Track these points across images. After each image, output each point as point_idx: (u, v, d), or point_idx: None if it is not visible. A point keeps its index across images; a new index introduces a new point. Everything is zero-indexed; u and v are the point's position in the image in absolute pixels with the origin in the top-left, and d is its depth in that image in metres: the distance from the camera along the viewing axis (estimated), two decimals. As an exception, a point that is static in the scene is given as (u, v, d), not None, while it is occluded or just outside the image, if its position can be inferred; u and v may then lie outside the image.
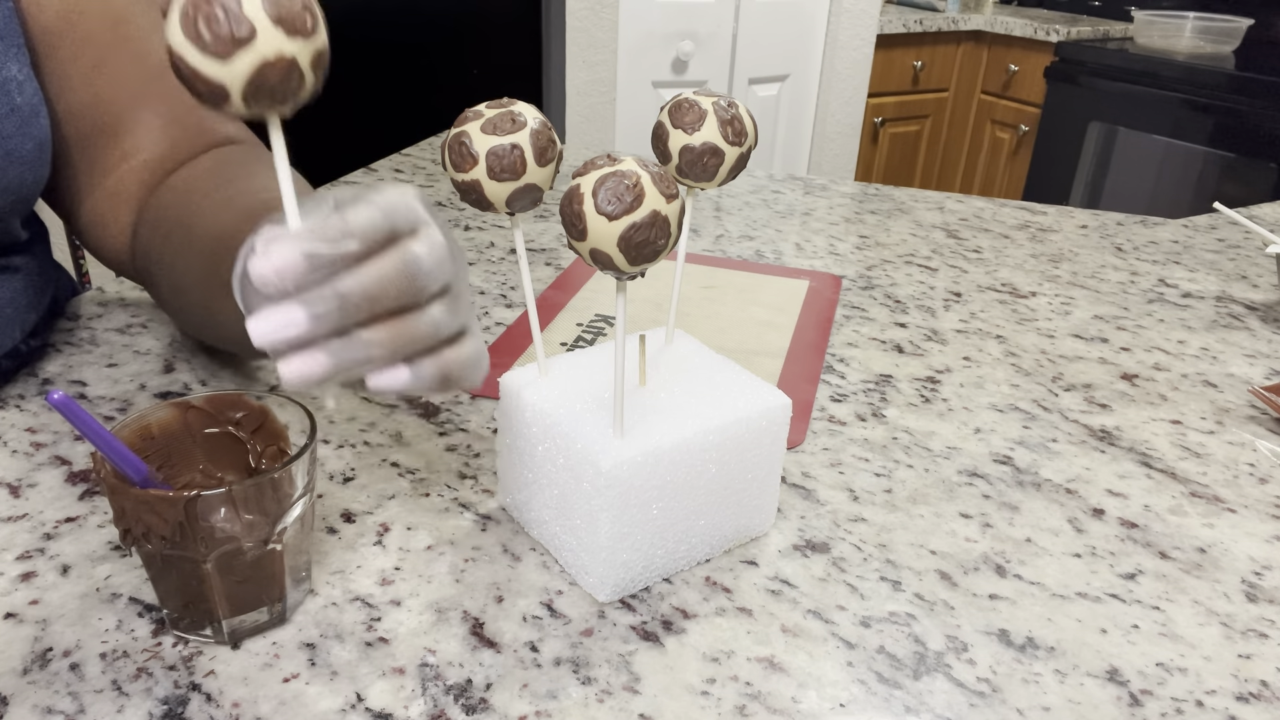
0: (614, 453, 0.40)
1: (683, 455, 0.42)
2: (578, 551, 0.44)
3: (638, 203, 0.35)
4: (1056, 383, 0.66)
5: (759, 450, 0.45)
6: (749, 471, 0.45)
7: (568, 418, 0.43)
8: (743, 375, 0.47)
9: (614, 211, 0.34)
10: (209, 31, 0.32)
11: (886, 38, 2.63)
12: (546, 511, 0.45)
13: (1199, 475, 0.56)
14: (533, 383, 0.45)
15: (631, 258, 0.35)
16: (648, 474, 0.41)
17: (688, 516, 0.44)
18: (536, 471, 0.45)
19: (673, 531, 0.44)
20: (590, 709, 0.38)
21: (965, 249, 0.91)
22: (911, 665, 0.41)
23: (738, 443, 0.44)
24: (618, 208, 0.34)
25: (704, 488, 0.44)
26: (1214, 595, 0.46)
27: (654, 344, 0.49)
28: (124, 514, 0.37)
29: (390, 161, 1.09)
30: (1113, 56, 2.41)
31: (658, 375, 0.46)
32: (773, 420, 0.45)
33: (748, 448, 0.44)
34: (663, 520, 0.43)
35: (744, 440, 0.44)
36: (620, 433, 0.41)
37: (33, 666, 0.38)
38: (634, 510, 0.42)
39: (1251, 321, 0.78)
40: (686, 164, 0.44)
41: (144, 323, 0.68)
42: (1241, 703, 0.39)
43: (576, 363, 0.47)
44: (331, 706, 0.37)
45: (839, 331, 0.72)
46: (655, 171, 0.36)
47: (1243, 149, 2.16)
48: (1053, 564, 0.47)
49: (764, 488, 0.46)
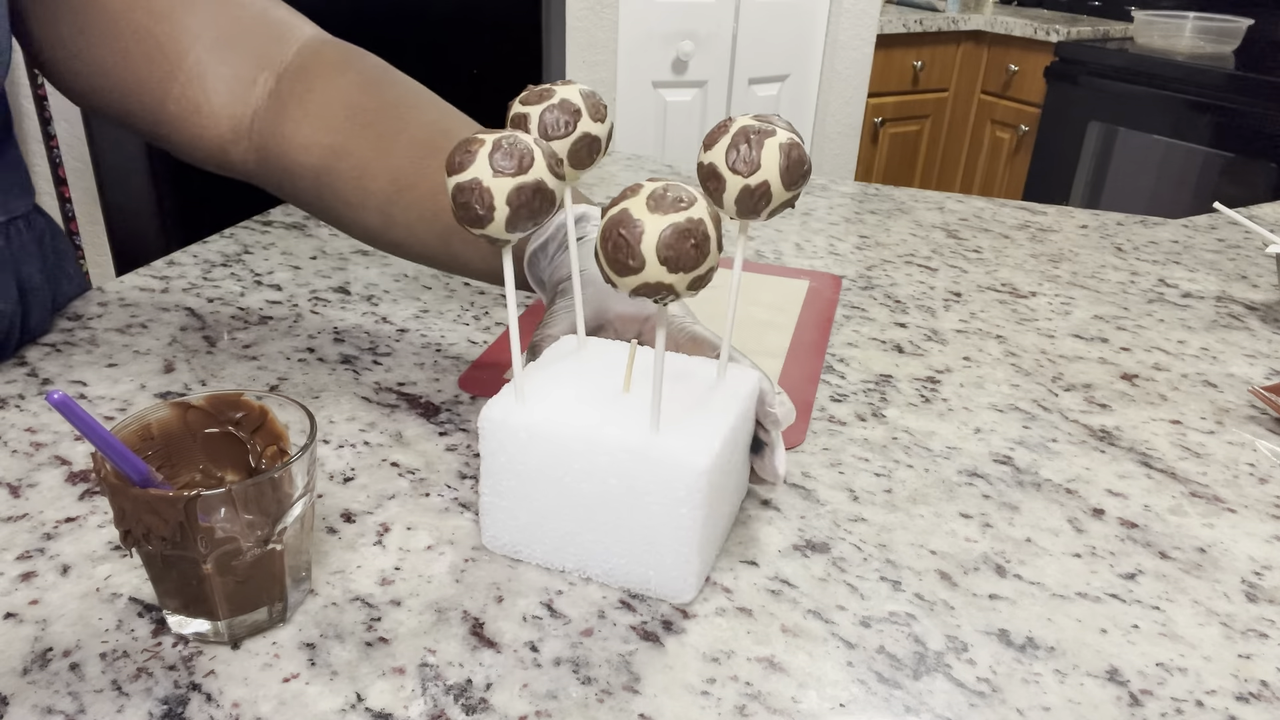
0: (703, 453, 0.40)
1: (726, 443, 0.43)
2: (650, 563, 0.43)
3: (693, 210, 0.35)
4: (1056, 383, 0.66)
5: (749, 422, 0.47)
6: (746, 442, 0.47)
7: (614, 432, 0.41)
8: (710, 366, 0.47)
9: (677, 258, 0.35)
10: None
11: (886, 38, 2.63)
12: (583, 537, 0.43)
13: (1199, 475, 0.56)
14: (524, 413, 0.43)
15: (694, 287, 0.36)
16: (719, 467, 0.42)
17: (728, 498, 0.46)
18: (561, 500, 0.43)
19: (721, 514, 0.46)
20: (590, 709, 0.38)
21: (965, 249, 0.91)
22: (911, 665, 0.41)
23: (744, 422, 0.46)
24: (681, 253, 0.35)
25: (731, 469, 0.45)
26: (1214, 595, 0.46)
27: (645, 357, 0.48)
28: (124, 515, 0.37)
29: (390, 161, 1.09)
30: (1113, 56, 2.41)
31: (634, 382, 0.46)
32: (754, 391, 0.46)
33: (746, 426, 0.46)
34: (721, 509, 0.45)
35: (746, 420, 0.46)
36: (657, 429, 0.41)
37: (33, 666, 0.38)
38: (714, 503, 0.43)
39: (1251, 321, 0.78)
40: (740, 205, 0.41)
41: (144, 323, 0.68)
42: (1241, 703, 0.39)
43: (554, 380, 0.45)
44: (331, 706, 0.37)
45: (839, 331, 0.72)
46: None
47: (1243, 149, 2.16)
48: (1053, 564, 0.47)
49: (745, 453, 0.49)
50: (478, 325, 0.70)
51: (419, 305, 0.73)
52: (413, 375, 0.63)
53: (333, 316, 0.71)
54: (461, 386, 0.61)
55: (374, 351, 0.66)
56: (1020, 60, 2.70)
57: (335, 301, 0.73)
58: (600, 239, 0.36)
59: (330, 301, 0.73)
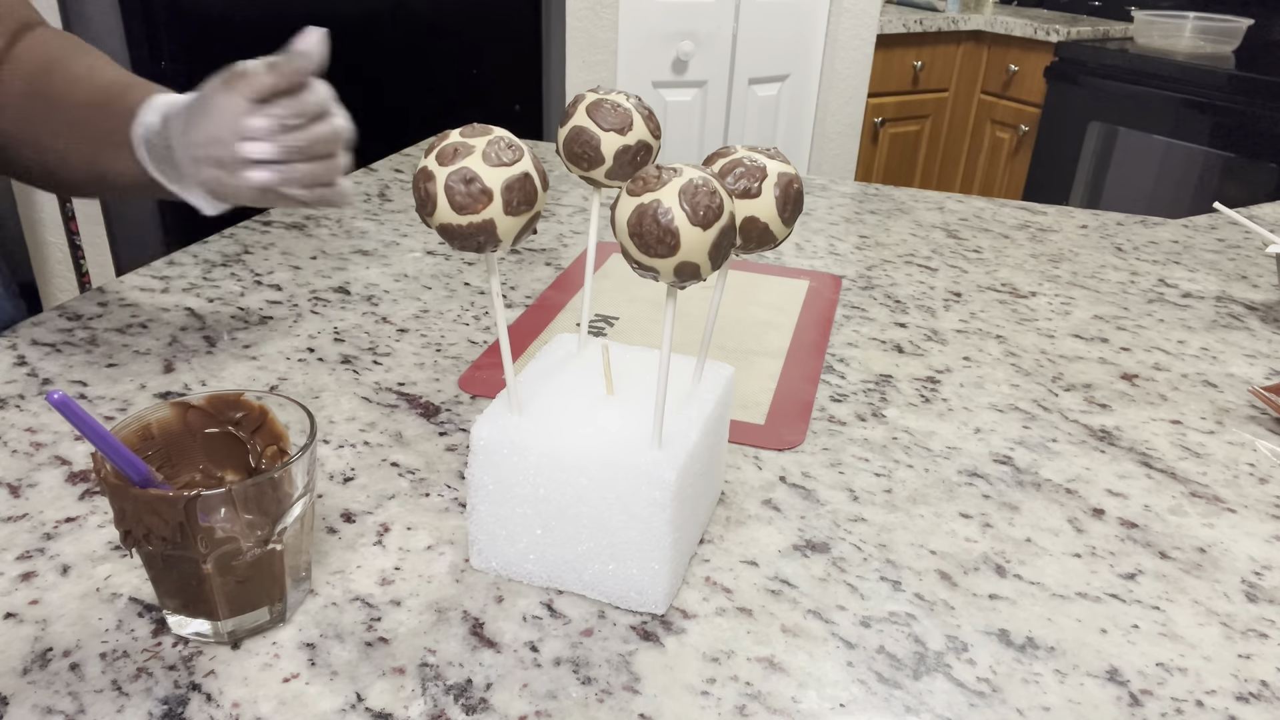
0: (668, 462, 0.40)
1: (696, 456, 0.42)
2: (631, 575, 0.42)
3: (722, 209, 0.36)
4: (1056, 383, 0.66)
5: (723, 422, 0.47)
6: (721, 443, 0.48)
7: (598, 446, 0.41)
8: (688, 364, 0.47)
9: (707, 219, 0.35)
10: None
11: (886, 38, 2.62)
12: (569, 550, 0.43)
13: (1199, 475, 0.56)
14: (519, 427, 0.42)
15: (716, 262, 0.37)
16: (688, 475, 0.42)
17: (699, 503, 0.45)
18: (558, 516, 0.42)
19: (694, 523, 0.45)
20: (590, 709, 0.38)
21: (965, 249, 0.91)
22: (911, 665, 0.41)
23: (719, 425, 0.46)
24: (709, 215, 0.35)
25: (703, 473, 0.45)
26: (1214, 595, 0.46)
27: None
28: (125, 515, 0.37)
29: (390, 161, 1.09)
30: (1113, 56, 2.41)
31: (616, 382, 0.45)
32: (729, 390, 0.47)
33: (720, 427, 0.47)
34: (693, 518, 0.45)
35: (720, 422, 0.46)
36: (659, 443, 0.41)
37: (33, 666, 0.38)
38: (684, 512, 0.42)
39: (1251, 321, 0.78)
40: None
41: (144, 323, 0.68)
42: (1241, 703, 0.39)
43: (543, 389, 0.45)
44: (331, 706, 0.37)
45: (839, 331, 0.72)
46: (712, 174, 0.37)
47: (1243, 149, 2.16)
48: (1052, 564, 0.47)
49: (722, 453, 0.49)
50: (477, 325, 0.70)
51: (419, 305, 0.73)
52: (413, 375, 0.63)
53: (333, 316, 0.71)
54: (461, 386, 0.61)
55: (374, 351, 0.66)
56: (1020, 60, 2.70)
57: (335, 301, 0.73)
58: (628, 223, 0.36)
59: (330, 301, 0.73)
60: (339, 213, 0.92)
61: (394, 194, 0.98)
